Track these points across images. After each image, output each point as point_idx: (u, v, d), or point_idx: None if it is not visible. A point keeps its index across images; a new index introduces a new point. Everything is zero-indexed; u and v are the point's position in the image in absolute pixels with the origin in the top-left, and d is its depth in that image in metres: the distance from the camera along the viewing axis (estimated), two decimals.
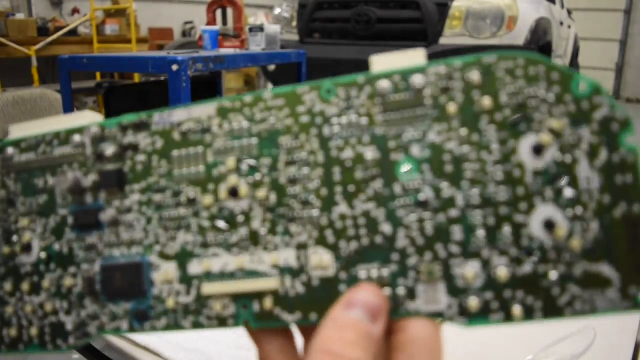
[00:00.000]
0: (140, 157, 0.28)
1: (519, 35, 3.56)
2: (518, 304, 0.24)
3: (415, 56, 0.26)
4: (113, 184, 0.28)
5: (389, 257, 0.25)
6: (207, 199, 0.27)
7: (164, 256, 0.28)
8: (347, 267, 0.25)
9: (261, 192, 0.26)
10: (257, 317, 0.26)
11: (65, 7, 5.46)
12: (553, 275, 0.23)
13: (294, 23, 4.07)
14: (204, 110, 0.28)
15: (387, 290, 0.25)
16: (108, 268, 0.28)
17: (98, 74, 4.46)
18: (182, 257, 0.27)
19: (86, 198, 0.29)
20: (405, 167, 0.25)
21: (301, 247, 0.26)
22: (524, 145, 0.24)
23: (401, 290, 0.25)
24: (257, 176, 0.27)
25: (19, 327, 0.30)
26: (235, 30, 3.00)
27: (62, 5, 5.48)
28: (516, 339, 0.51)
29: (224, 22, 3.16)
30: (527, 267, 0.24)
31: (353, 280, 0.25)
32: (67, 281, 0.29)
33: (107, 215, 0.28)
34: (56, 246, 0.30)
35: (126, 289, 0.28)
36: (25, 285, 0.30)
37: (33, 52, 4.27)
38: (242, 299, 0.26)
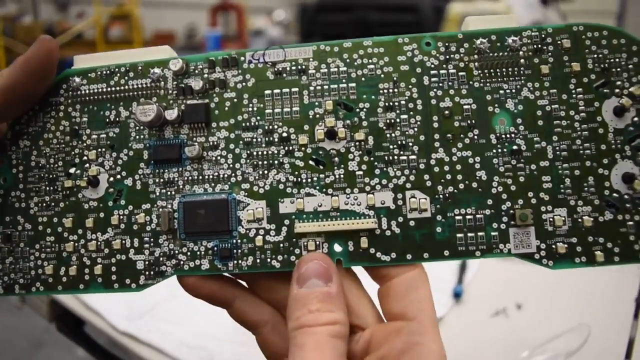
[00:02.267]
0: (229, 94, 0.28)
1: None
2: (599, 249, 0.26)
3: (509, 19, 0.28)
4: (199, 119, 0.28)
5: (484, 202, 0.26)
6: (302, 139, 0.27)
7: (253, 194, 0.27)
8: (443, 210, 0.26)
9: (359, 135, 0.27)
10: (352, 256, 0.26)
11: (71, 11, 5.32)
12: (630, 223, 0.26)
13: (295, 27, 4.03)
14: (301, 52, 0.28)
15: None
16: (189, 205, 0.27)
17: None
18: (273, 196, 0.27)
19: (166, 132, 0.28)
20: (500, 119, 0.27)
21: (399, 189, 0.27)
22: (607, 107, 0.27)
23: (494, 233, 0.26)
24: (355, 119, 0.27)
25: (80, 266, 0.28)
26: (237, 33, 2.94)
27: (68, 9, 5.32)
28: (512, 335, 0.52)
29: (226, 26, 3.10)
30: (608, 216, 0.26)
31: (449, 224, 0.26)
32: (140, 218, 0.28)
33: (190, 151, 0.27)
34: (128, 181, 0.28)
35: (209, 227, 0.27)
36: (89, 222, 0.28)
37: None
38: (336, 238, 0.26)
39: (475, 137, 0.27)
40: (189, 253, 0.27)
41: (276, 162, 0.27)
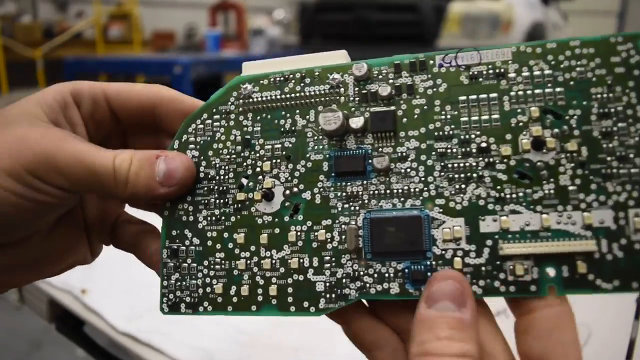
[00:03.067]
0: (419, 100, 0.25)
1: (515, 38, 3.62)
2: None
3: None
4: (387, 127, 0.25)
5: None
6: (505, 150, 0.24)
7: (449, 211, 0.24)
8: None
9: (571, 145, 0.24)
10: (567, 282, 0.23)
11: (70, 11, 5.38)
12: None
13: (295, 26, 4.07)
14: (499, 54, 0.25)
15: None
16: (377, 222, 0.25)
17: (103, 77, 4.39)
18: (473, 213, 0.24)
19: (347, 142, 0.26)
20: None
21: (620, 207, 0.23)
22: None
23: None
24: (565, 128, 0.24)
25: (252, 286, 0.26)
26: (237, 33, 3.00)
27: (67, 9, 5.42)
28: (512, 336, 0.50)
29: (226, 25, 3.17)
30: None
31: None
32: (320, 235, 0.25)
33: (380, 162, 0.25)
34: (306, 195, 0.26)
35: (400, 247, 0.24)
36: (263, 238, 0.26)
37: (39, 55, 4.16)
38: (548, 262, 0.23)
39: None
40: (375, 275, 0.25)
41: (475, 175, 0.24)
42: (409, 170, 0.25)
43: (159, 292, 0.27)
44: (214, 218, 0.27)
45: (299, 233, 0.26)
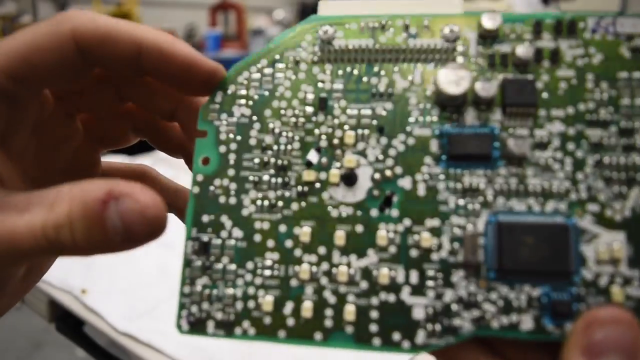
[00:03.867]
0: (566, 72, 0.19)
1: None
2: None
3: None
4: (526, 101, 0.19)
5: None
6: None
7: (605, 221, 0.18)
8: None
9: None
10: None
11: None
12: None
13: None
14: None
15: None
16: (510, 228, 0.18)
17: None
18: (638, 227, 0.18)
19: (467, 116, 0.19)
20: None
21: None
22: None
23: None
24: None
25: (318, 303, 0.18)
26: (237, 33, 2.92)
27: (67, 9, 5.27)
28: None
29: (226, 25, 3.10)
30: None
31: None
32: (424, 240, 0.18)
33: (518, 145, 0.18)
34: (404, 182, 0.19)
35: (538, 265, 0.17)
36: (339, 238, 0.18)
37: None
38: None
39: None
40: (500, 301, 0.17)
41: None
42: (551, 161, 0.18)
43: (176, 302, 0.19)
44: (267, 203, 0.19)
45: (391, 235, 0.18)
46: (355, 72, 0.20)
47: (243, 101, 0.20)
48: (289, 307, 0.18)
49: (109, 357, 0.55)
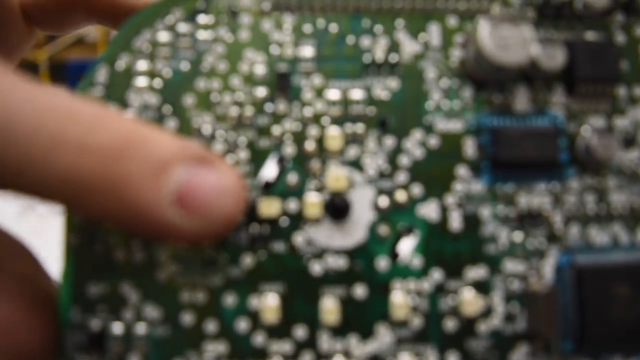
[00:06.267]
0: None
1: None
2: None
3: None
4: (606, 75, 0.12)
5: None
6: None
7: None
8: None
9: None
10: None
11: None
12: None
13: None
14: None
15: None
16: (589, 274, 0.11)
17: None
18: None
19: (517, 99, 0.12)
20: None
21: None
22: None
23: None
24: None
25: None
26: None
27: None
28: None
29: None
30: None
31: None
32: (466, 303, 0.11)
33: (594, 148, 0.12)
34: (428, 210, 0.12)
35: (636, 326, 0.11)
36: (328, 311, 0.11)
37: (43, 57, 3.48)
38: None
39: None
40: None
41: None
42: None
43: None
44: (199, 257, 0.11)
45: (413, 298, 0.11)
46: (334, 27, 0.12)
47: (144, 81, 0.11)
48: None
49: None
